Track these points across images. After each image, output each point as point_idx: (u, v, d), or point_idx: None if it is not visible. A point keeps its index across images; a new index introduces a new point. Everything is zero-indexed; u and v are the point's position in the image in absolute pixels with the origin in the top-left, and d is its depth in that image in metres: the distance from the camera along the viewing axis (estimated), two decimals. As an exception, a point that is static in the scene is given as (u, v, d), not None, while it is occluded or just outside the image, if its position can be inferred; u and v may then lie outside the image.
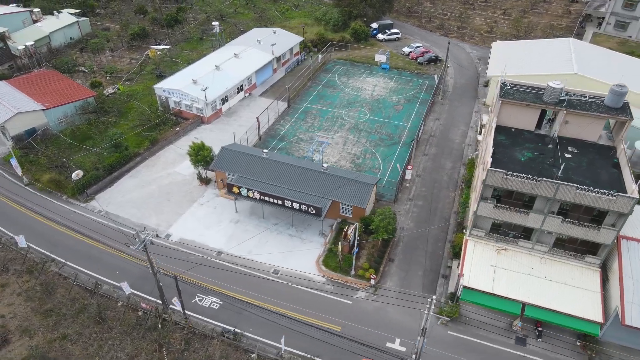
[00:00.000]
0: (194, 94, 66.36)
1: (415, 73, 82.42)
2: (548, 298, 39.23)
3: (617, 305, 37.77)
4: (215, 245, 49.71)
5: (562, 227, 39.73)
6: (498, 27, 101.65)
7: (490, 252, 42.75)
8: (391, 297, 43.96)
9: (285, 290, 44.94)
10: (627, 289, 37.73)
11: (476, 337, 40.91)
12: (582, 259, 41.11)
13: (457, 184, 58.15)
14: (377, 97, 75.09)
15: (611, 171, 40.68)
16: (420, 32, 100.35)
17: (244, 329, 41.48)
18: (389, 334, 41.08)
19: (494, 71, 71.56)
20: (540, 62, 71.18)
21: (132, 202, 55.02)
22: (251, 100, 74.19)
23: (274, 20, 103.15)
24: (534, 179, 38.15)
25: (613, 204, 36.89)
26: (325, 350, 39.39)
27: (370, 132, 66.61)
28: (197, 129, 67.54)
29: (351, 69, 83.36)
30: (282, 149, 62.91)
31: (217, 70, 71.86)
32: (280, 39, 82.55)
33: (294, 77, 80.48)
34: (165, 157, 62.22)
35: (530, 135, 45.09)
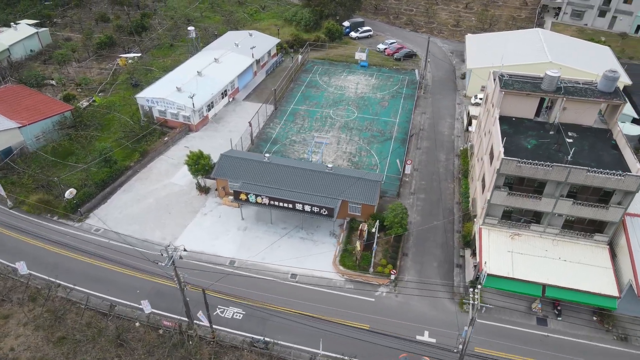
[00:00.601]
0: (181, 102, 64.57)
1: (394, 69, 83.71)
2: (565, 278, 41.01)
3: (630, 278, 40.02)
4: (227, 254, 48.68)
5: (572, 209, 41.63)
6: (463, 20, 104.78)
7: (504, 238, 44.17)
8: (411, 289, 44.63)
9: (306, 294, 44.66)
10: (638, 262, 40.03)
11: (500, 321, 42.21)
12: (591, 237, 43.24)
13: (453, 175, 59.62)
14: (362, 94, 75.72)
15: (612, 152, 42.98)
16: (391, 28, 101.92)
17: (272, 337, 40.90)
18: (417, 327, 41.67)
19: (473, 64, 73.80)
20: (515, 52, 73.93)
21: (131, 218, 52.95)
22: (236, 105, 73.00)
23: (243, 22, 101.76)
24: (546, 165, 39.75)
25: (621, 184, 39.02)
26: (359, 349, 39.46)
27: (362, 130, 67.12)
28: (186, 138, 65.76)
29: (331, 68, 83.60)
30: (276, 152, 62.31)
31: (200, 76, 70.21)
32: (257, 41, 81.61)
33: (275, 79, 79.85)
34: (157, 169, 60.23)
35: (530, 124, 46.90)
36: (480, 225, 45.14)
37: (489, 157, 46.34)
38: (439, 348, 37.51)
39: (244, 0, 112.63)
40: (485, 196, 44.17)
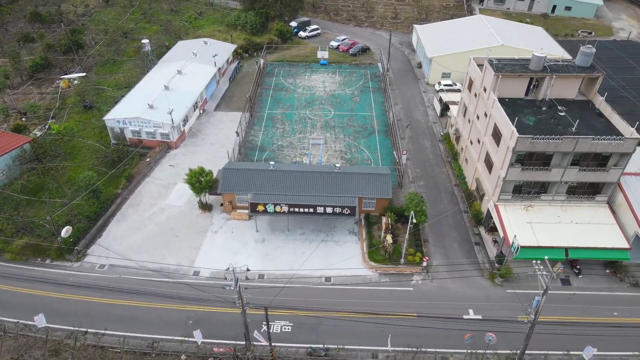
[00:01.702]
0: (158, 119, 61.01)
1: (353, 65, 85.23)
2: (582, 238, 44.94)
3: (636, 230, 44.84)
4: (253, 268, 47.14)
5: (578, 176, 45.66)
6: (400, 12, 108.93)
7: (519, 211, 47.32)
8: (442, 272, 46.40)
9: (344, 294, 44.69)
10: (636, 201, 44.97)
11: (529, 288, 45.17)
12: (593, 199, 47.71)
13: (443, 159, 62.39)
14: (331, 92, 76.37)
15: (600, 120, 47.63)
16: (334, 25, 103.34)
17: (328, 342, 40.57)
18: (460, 307, 43.47)
19: (432, 53, 77.29)
20: (468, 39, 78.62)
21: (137, 247, 49.41)
22: (209, 116, 70.37)
23: (184, 30, 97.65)
24: (557, 138, 43.20)
25: (620, 147, 43.50)
26: (420, 339, 40.32)
27: (344, 127, 67.85)
28: (167, 156, 62.33)
29: (292, 69, 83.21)
30: (267, 159, 61.09)
31: (168, 90, 66.70)
32: (214, 49, 78.99)
33: (240, 86, 78.03)
34: (147, 192, 56.56)
35: (523, 102, 50.47)
36: (495, 202, 47.92)
37: (492, 138, 49.20)
38: (503, 321, 39.40)
39: (177, 8, 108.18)
40: (499, 174, 46.93)
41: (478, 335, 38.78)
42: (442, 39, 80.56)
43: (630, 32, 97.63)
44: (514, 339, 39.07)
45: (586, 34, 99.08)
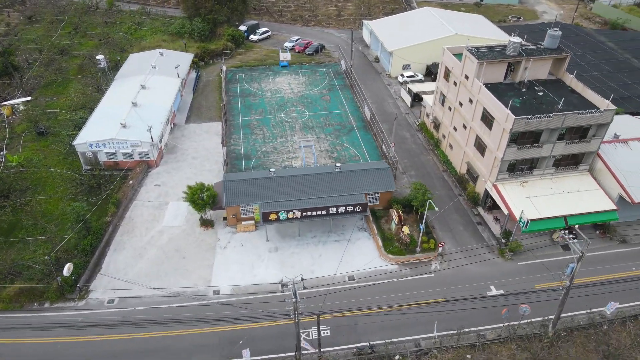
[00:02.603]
0: (135, 138, 57.66)
1: (313, 64, 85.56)
2: (576, 205, 48.89)
3: (619, 192, 49.57)
4: (274, 279, 46.29)
5: (565, 149, 49.55)
6: (342, 9, 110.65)
7: (517, 187, 50.47)
8: (455, 253, 48.43)
9: (371, 290, 45.21)
10: (621, 178, 49.73)
11: (537, 258, 48.53)
12: (577, 168, 52.01)
13: (425, 148, 64.73)
14: (300, 93, 76.25)
15: (574, 96, 51.92)
16: (282, 26, 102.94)
17: (368, 340, 40.94)
18: (482, 285, 45.69)
19: (392, 46, 79.59)
20: (423, 30, 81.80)
21: (144, 275, 46.60)
22: (182, 130, 67.55)
23: (126, 43, 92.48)
24: (547, 116, 46.59)
25: (600, 118, 47.81)
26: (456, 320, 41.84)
27: (322, 127, 68.14)
28: (150, 176, 59.15)
29: (253, 74, 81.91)
30: (257, 167, 60.00)
31: (136, 106, 63.14)
32: (172, 59, 75.83)
33: (205, 95, 75.64)
34: (139, 216, 53.39)
35: (503, 86, 53.68)
36: (494, 183, 50.72)
37: (482, 122, 51.92)
38: (538, 292, 41.91)
39: (112, 20, 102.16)
40: (495, 155, 49.71)
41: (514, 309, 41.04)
42: (398, 33, 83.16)
43: (557, 14, 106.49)
44: (539, 307, 41.78)
45: (516, 18, 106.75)
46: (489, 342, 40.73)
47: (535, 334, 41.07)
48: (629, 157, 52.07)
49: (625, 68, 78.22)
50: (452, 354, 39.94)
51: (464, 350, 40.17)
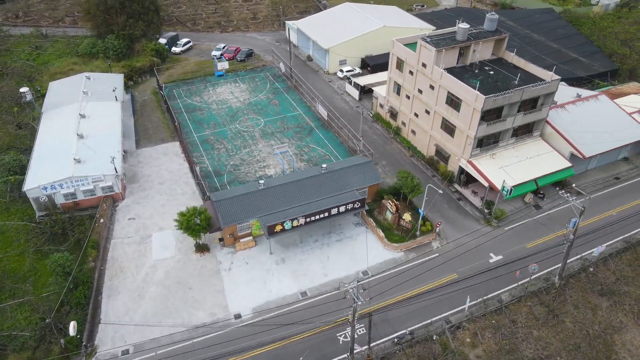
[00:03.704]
0: (96, 172, 52.64)
1: (249, 70, 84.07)
2: (541, 168, 54.54)
3: (570, 150, 56.23)
4: (290, 291, 45.62)
5: (523, 119, 54.90)
6: (255, 12, 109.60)
7: (488, 160, 54.87)
8: (450, 230, 51.63)
9: (387, 281, 46.55)
10: (570, 138, 56.44)
11: (514, 222, 53.29)
12: (531, 135, 57.86)
13: (386, 137, 67.30)
14: (247, 101, 74.70)
15: (518, 72, 57.44)
16: (199, 35, 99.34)
17: (400, 328, 42.33)
18: (482, 254, 49.26)
19: (327, 44, 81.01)
20: (351, 26, 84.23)
21: (152, 316, 43.20)
22: (136, 156, 62.78)
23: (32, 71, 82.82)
24: (510, 92, 51.25)
25: (549, 88, 53.71)
26: (478, 291, 44.73)
27: (282, 131, 67.66)
28: (119, 211, 54.42)
29: (191, 87, 78.37)
30: (231, 183, 58.06)
31: (83, 138, 57.48)
32: (103, 82, 69.84)
33: (148, 116, 70.93)
34: (123, 255, 49.09)
35: (458, 70, 57.69)
36: (468, 159, 54.60)
37: (447, 106, 55.44)
38: (544, 250, 46.12)
39: (5, 46, 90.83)
40: (467, 134, 53.52)
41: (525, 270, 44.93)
42: (328, 30, 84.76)
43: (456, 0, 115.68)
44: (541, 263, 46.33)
45: (420, 7, 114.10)
46: (508, 304, 44.25)
47: (544, 287, 45.48)
48: (570, 119, 59.15)
49: (529, 42, 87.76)
50: (480, 323, 42.80)
51: (490, 317, 43.24)
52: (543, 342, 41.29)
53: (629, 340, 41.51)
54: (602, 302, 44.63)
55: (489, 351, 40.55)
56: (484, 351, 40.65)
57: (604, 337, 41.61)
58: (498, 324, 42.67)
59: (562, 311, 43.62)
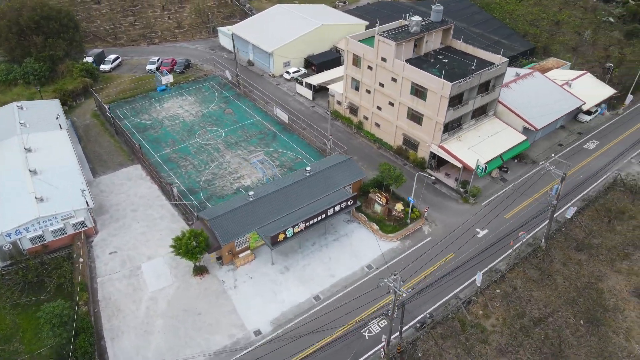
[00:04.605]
0: (65, 209, 48.17)
1: (192, 81, 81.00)
2: (502, 144, 58.93)
3: (522, 124, 61.42)
4: (303, 298, 45.36)
5: (482, 100, 58.97)
6: (181, 21, 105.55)
7: (457, 143, 58.23)
8: (435, 212, 54.29)
9: (390, 272, 47.90)
10: (521, 113, 61.62)
11: (489, 197, 57.23)
12: (487, 115, 62.27)
13: (349, 133, 68.58)
14: (199, 113, 72.09)
15: (468, 57, 61.41)
16: (126, 49, 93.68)
17: (417, 313, 43.99)
18: (470, 231, 52.37)
19: (270, 47, 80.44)
20: (289, 27, 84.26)
21: (168, 350, 40.74)
22: (98, 185, 58.12)
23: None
24: (471, 77, 54.77)
25: (500, 70, 58.16)
26: (476, 265, 47.57)
27: (246, 139, 66.36)
28: (96, 246, 50.30)
29: (135, 106, 73.89)
30: (210, 199, 56.03)
31: (37, 174, 52.19)
32: (39, 111, 63.65)
33: (97, 140, 65.88)
34: (115, 293, 45.56)
35: (415, 60, 60.37)
36: (439, 144, 57.54)
37: (413, 96, 57.87)
38: (525, 217, 49.87)
39: None
40: (436, 121, 56.36)
41: (516, 240, 48.56)
42: (267, 33, 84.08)
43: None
44: (522, 231, 50.42)
45: (342, 3, 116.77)
46: (506, 272, 47.61)
47: (532, 251, 49.53)
48: (516, 96, 64.50)
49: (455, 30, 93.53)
50: (487, 294, 45.69)
51: (493, 287, 46.27)
52: (544, 301, 45.11)
53: (612, 285, 46.67)
54: (581, 256, 49.60)
55: (502, 319, 43.48)
56: (497, 319, 43.50)
57: (592, 286, 46.37)
58: (503, 292, 45.84)
59: (553, 270, 47.87)
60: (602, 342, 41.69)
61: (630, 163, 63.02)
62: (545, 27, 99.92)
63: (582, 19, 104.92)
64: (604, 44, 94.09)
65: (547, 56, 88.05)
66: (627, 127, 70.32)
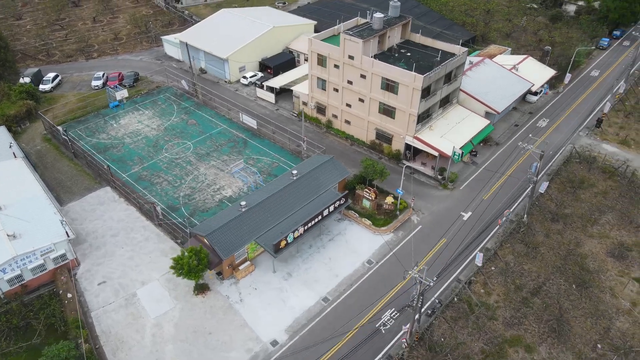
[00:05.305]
0: (43, 243, 44.52)
1: (146, 94, 77.34)
2: (470, 130, 61.85)
3: (484, 109, 64.86)
4: (313, 301, 45.17)
5: (447, 90, 61.51)
6: (117, 32, 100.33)
7: (429, 132, 60.34)
8: (420, 202, 56.08)
9: (389, 264, 48.99)
10: (482, 99, 64.96)
11: (465, 180, 59.98)
12: (451, 104, 65.05)
13: (319, 132, 68.80)
14: (162, 127, 69.15)
15: (429, 49, 63.78)
16: (63, 66, 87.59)
17: (427, 299, 45.38)
18: (454, 216, 54.56)
19: (225, 54, 78.70)
20: (240, 32, 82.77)
21: (187, 375, 39.16)
22: (67, 213, 53.96)
23: None
24: (439, 68, 56.97)
25: (461, 60, 60.97)
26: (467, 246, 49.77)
27: (217, 149, 64.65)
28: (81, 279, 46.92)
29: (88, 125, 69.33)
30: (193, 214, 54.07)
31: (2, 209, 47.74)
32: (-15, 140, 58.19)
33: (49, 168, 61.19)
34: (114, 325, 42.84)
35: (380, 56, 61.69)
36: (414, 135, 59.34)
37: (384, 91, 59.17)
38: (512, 197, 52.57)
39: None
40: (410, 113, 58.07)
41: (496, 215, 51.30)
42: (218, 39, 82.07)
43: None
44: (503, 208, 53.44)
45: (282, 4, 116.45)
46: (496, 250, 50.21)
47: (516, 226, 52.57)
48: (475, 83, 67.92)
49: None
50: (485, 273, 47.95)
51: (489, 265, 48.65)
52: (535, 272, 48.13)
53: (589, 250, 50.69)
54: (558, 226, 53.39)
55: (503, 294, 45.88)
56: (498, 295, 45.85)
57: (574, 253, 50.12)
58: (498, 269, 48.33)
59: (537, 243, 51.14)
60: (593, 302, 45.27)
61: (579, 136, 68.54)
62: (480, 16, 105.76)
63: (508, 6, 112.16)
64: (532, 29, 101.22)
65: (485, 44, 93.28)
66: (570, 103, 76.32)
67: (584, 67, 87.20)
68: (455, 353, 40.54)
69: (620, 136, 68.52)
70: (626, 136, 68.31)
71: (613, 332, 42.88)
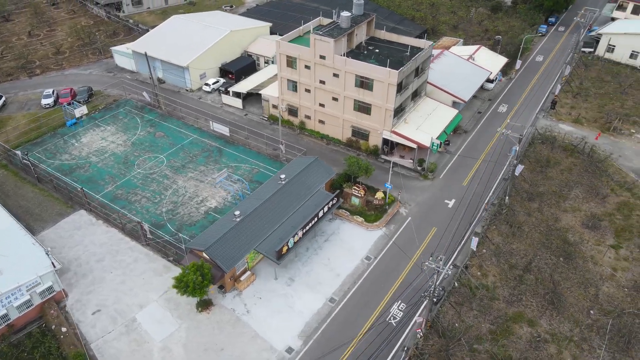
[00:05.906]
0: (28, 277, 41.37)
1: (104, 110, 73.44)
2: (442, 120, 63.90)
3: (452, 100, 67.26)
4: (320, 304, 45.04)
5: (417, 83, 63.19)
6: (59, 46, 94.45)
7: (405, 125, 61.73)
8: (407, 194, 57.38)
9: (389, 258, 49.81)
10: (449, 90, 67.31)
11: (445, 166, 62.00)
12: (421, 96, 66.87)
13: (293, 135, 68.42)
14: (128, 142, 66.07)
15: (396, 45, 65.25)
16: (4, 86, 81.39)
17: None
18: (441, 204, 56.28)
19: (185, 61, 76.35)
20: (197, 38, 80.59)
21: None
22: (43, 242, 50.09)
23: None
24: (410, 63, 58.39)
25: (428, 53, 62.83)
26: (456, 230, 51.48)
27: (192, 160, 62.72)
28: (72, 310, 44.03)
29: (47, 147, 64.93)
30: (181, 230, 52.21)
31: (-28, 245, 43.95)
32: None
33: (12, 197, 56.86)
34: (119, 355, 40.66)
35: (351, 53, 62.32)
36: (392, 130, 60.48)
37: (358, 88, 59.79)
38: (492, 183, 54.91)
39: None
40: (386, 108, 59.11)
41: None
42: (175, 47, 79.43)
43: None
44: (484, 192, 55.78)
45: (229, 7, 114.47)
46: (484, 233, 52.32)
47: (499, 208, 55.01)
48: (439, 75, 70.16)
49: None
50: (479, 256, 49.86)
51: (480, 249, 50.59)
52: (523, 250, 50.67)
53: (567, 224, 54.04)
54: (534, 205, 56.47)
55: (498, 274, 47.95)
56: (494, 276, 47.87)
57: (553, 227, 53.21)
58: (489, 251, 50.42)
59: (520, 222, 53.82)
60: (579, 271, 48.36)
61: (538, 118, 72.73)
62: (427, 10, 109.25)
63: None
64: (477, 20, 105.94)
65: (436, 37, 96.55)
66: (523, 88, 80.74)
67: (528, 53, 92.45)
68: (466, 336, 41.95)
69: (572, 115, 73.37)
70: (578, 115, 73.25)
71: (601, 297, 46.04)
